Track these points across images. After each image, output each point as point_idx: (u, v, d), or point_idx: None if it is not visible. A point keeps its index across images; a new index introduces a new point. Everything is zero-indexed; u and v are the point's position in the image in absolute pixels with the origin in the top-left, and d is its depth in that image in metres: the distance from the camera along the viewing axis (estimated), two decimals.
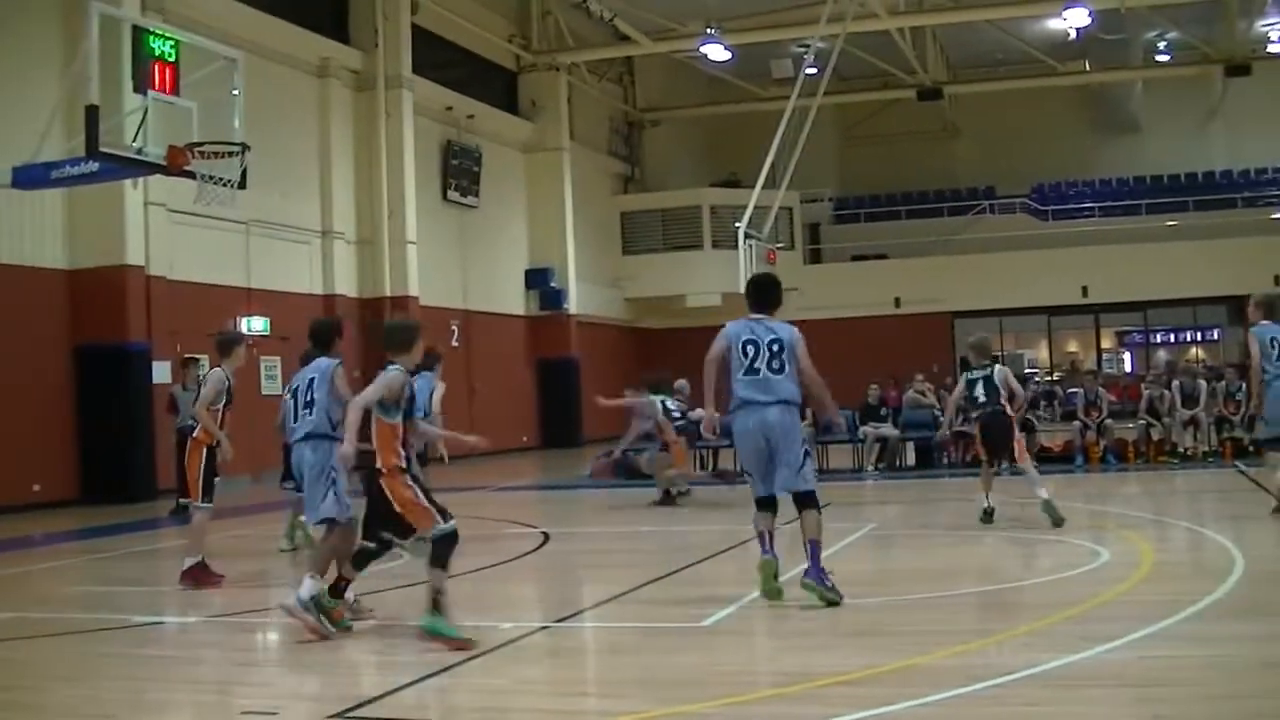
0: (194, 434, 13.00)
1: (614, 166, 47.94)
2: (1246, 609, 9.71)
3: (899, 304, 45.35)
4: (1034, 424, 24.20)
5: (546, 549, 15.58)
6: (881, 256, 47.87)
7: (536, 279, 40.83)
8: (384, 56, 32.69)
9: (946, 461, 24.87)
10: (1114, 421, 24.50)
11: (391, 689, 8.18)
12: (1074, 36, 43.06)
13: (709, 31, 37.78)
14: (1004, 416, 15.46)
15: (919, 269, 45.75)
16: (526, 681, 8.49)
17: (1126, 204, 47.37)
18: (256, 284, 28.71)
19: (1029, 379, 24.93)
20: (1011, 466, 15.72)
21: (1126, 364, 49.02)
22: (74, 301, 24.48)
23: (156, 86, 17.39)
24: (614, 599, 11.46)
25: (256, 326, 28.17)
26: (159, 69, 17.47)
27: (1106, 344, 48.96)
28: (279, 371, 28.33)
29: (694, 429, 19.51)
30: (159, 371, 24.72)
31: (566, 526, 17.75)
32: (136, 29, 17.79)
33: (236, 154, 18.57)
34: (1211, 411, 23.83)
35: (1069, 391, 25.79)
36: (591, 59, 43.11)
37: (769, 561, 10.50)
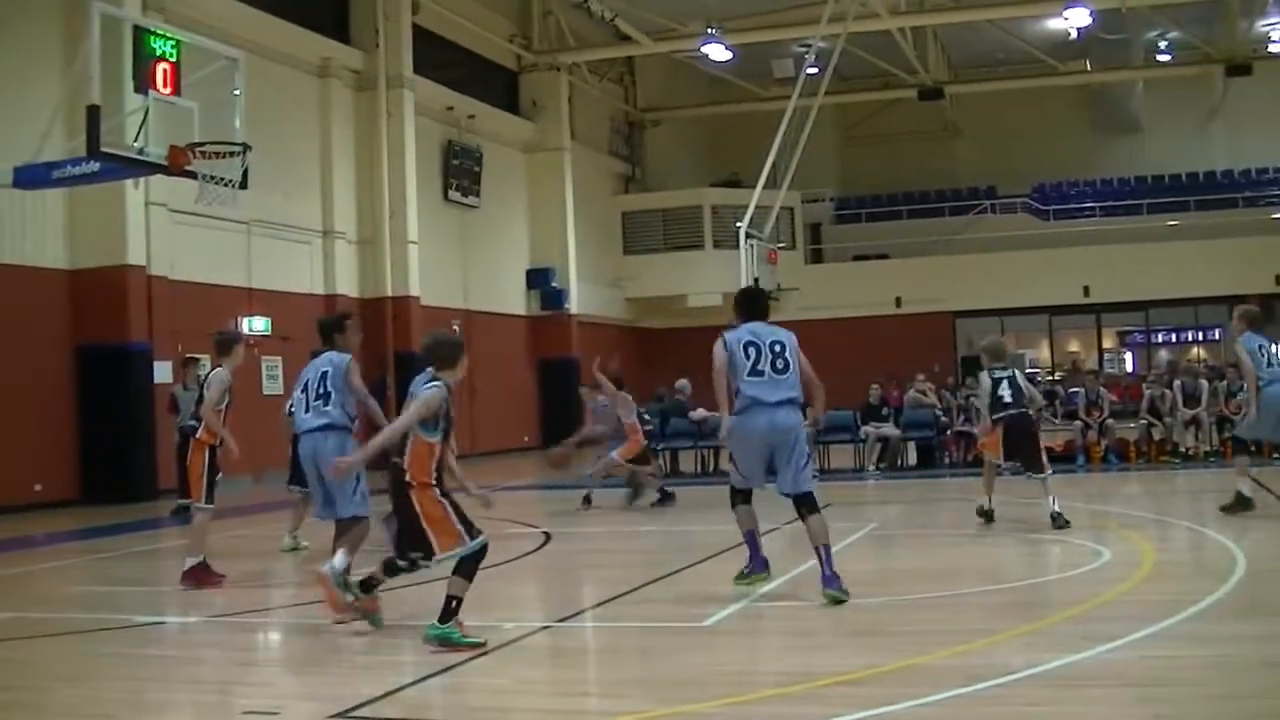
0: (196, 434, 12.99)
1: (615, 166, 47.93)
2: (1248, 609, 9.72)
3: (900, 304, 45.33)
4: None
5: (548, 549, 15.57)
6: (883, 256, 47.86)
7: (537, 279, 40.83)
8: (385, 56, 32.69)
9: (948, 461, 24.87)
10: (1115, 421, 24.50)
11: (393, 689, 8.18)
12: (1075, 36, 43.05)
13: (710, 31, 37.78)
14: (1030, 419, 15.40)
15: (920, 269, 45.75)
16: (528, 681, 8.49)
17: (1128, 204, 47.36)
18: (258, 284, 28.70)
19: (1033, 379, 24.78)
20: (1028, 471, 15.32)
21: (1128, 364, 49.01)
22: (75, 301, 24.47)
23: (158, 86, 17.40)
24: (615, 599, 11.45)
25: (258, 326, 28.18)
26: (160, 69, 17.48)
27: (1108, 344, 48.94)
28: (280, 371, 28.35)
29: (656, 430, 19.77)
30: (160, 371, 24.70)
31: (568, 526, 17.72)
32: (138, 29, 17.80)
33: (238, 154, 18.57)
34: (1213, 411, 23.82)
35: (1070, 391, 25.72)
36: (592, 59, 43.12)
37: (764, 577, 10.97)
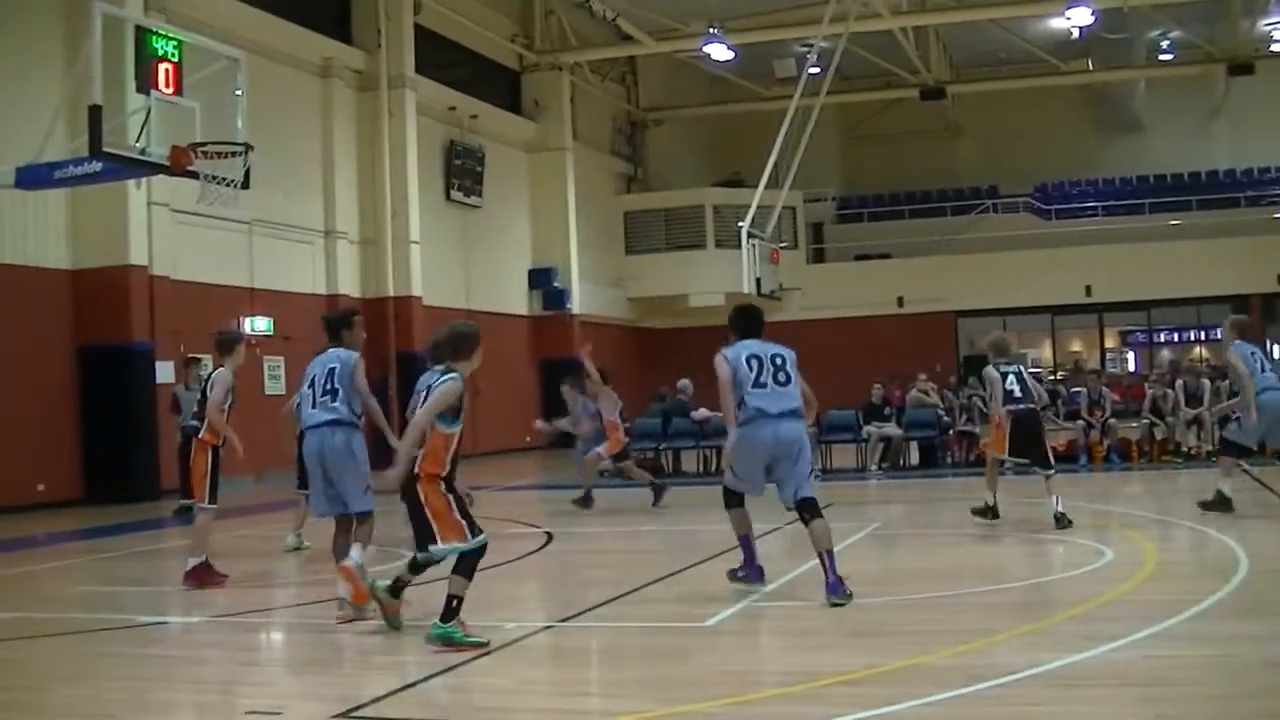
0: (199, 434, 12.99)
1: (617, 166, 47.94)
2: (1250, 608, 9.71)
3: (902, 303, 45.35)
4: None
5: (550, 549, 15.58)
6: (885, 256, 47.88)
7: (540, 279, 40.85)
8: (387, 56, 32.70)
9: (950, 461, 24.87)
10: (1118, 421, 24.49)
11: (396, 689, 8.18)
12: (1077, 36, 43.06)
13: (712, 31, 37.77)
14: (1037, 415, 15.32)
15: (922, 268, 45.76)
16: (530, 681, 8.50)
17: (1130, 203, 47.34)
18: (260, 284, 28.71)
19: (1037, 379, 24.72)
20: (1035, 466, 15.25)
21: (1130, 363, 49.00)
22: (77, 301, 24.48)
23: (159, 87, 17.39)
24: (617, 599, 11.45)
25: (260, 326, 28.19)
26: (162, 69, 17.46)
27: (1110, 343, 48.95)
28: (282, 372, 28.36)
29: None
30: (162, 371, 24.71)
31: (569, 526, 17.72)
32: (139, 29, 17.79)
33: (239, 154, 18.57)
34: (1215, 411, 23.79)
35: (1073, 391, 25.71)
36: (594, 59, 43.12)
37: (759, 587, 11.04)
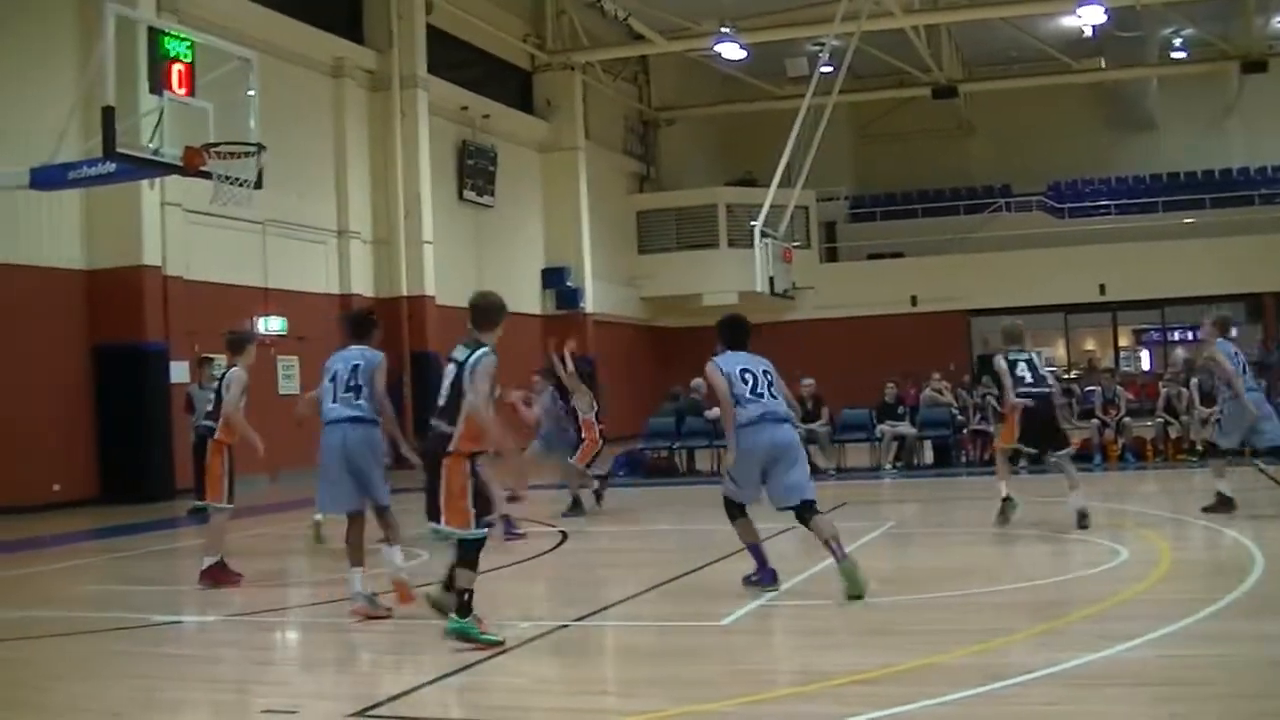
0: (213, 435, 13.00)
1: (629, 165, 47.95)
2: (1266, 608, 9.68)
3: (915, 302, 45.31)
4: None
5: (565, 548, 15.58)
6: (897, 255, 47.83)
7: (553, 278, 40.88)
8: (399, 56, 32.74)
9: (964, 460, 24.84)
10: (1132, 420, 24.47)
11: (411, 688, 8.20)
12: (1089, 34, 42.96)
13: (723, 30, 37.76)
14: (1051, 401, 14.98)
15: (935, 267, 45.70)
16: (545, 680, 8.51)
17: (1143, 202, 47.23)
18: (273, 284, 28.73)
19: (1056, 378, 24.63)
20: (1049, 449, 14.98)
21: (1144, 362, 48.87)
22: (91, 301, 24.54)
23: (172, 87, 17.41)
24: (632, 598, 11.48)
25: (274, 326, 28.23)
26: (175, 70, 17.48)
27: (1124, 342, 48.84)
28: (296, 371, 28.40)
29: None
30: (176, 371, 24.75)
31: (584, 525, 17.73)
32: (152, 30, 17.81)
33: (252, 154, 18.58)
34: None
35: (1087, 390, 25.68)
36: (606, 58, 43.11)
37: (774, 589, 11.02)
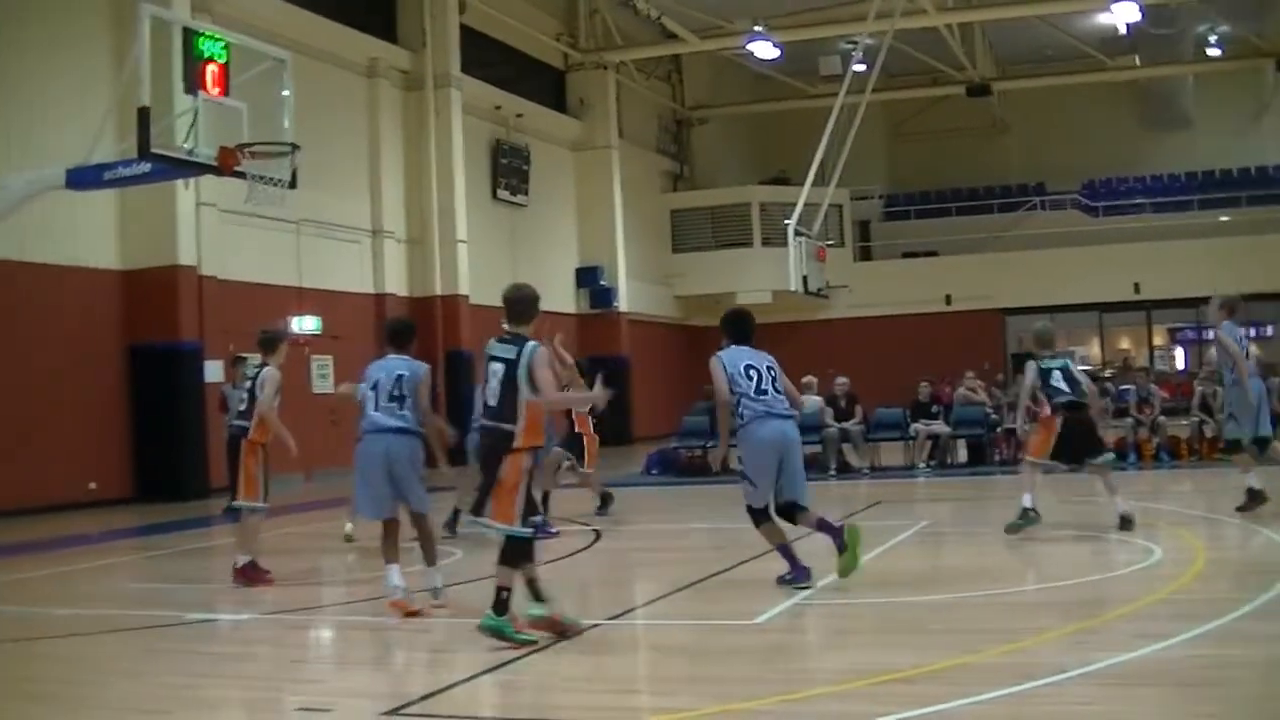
0: (247, 435, 13.03)
1: (663, 164, 47.93)
2: None
3: (950, 301, 45.21)
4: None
5: (598, 546, 15.60)
6: (932, 254, 47.76)
7: (587, 277, 40.93)
8: (432, 56, 32.82)
9: (998, 459, 24.75)
10: (1167, 419, 24.34)
11: (444, 686, 8.22)
12: (1123, 31, 42.75)
13: (756, 29, 37.77)
14: (1086, 410, 14.47)
15: (969, 266, 45.60)
16: (579, 678, 8.50)
17: (1178, 200, 47.02)
18: (308, 283, 28.82)
19: (1093, 378, 24.48)
20: (1090, 467, 14.60)
21: (1179, 360, 48.67)
22: (127, 301, 24.68)
23: (207, 88, 17.45)
24: (666, 596, 11.48)
25: (308, 326, 28.32)
26: (209, 70, 17.51)
27: (1159, 340, 48.64)
28: (330, 370, 28.50)
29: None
30: (211, 370, 24.86)
31: (618, 524, 17.73)
32: (187, 31, 17.85)
33: (287, 154, 18.61)
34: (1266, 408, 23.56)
35: (1121, 389, 25.58)
36: (639, 57, 43.12)
37: (808, 586, 11.04)
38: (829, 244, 39.38)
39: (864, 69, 36.75)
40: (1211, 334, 16.97)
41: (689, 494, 20.93)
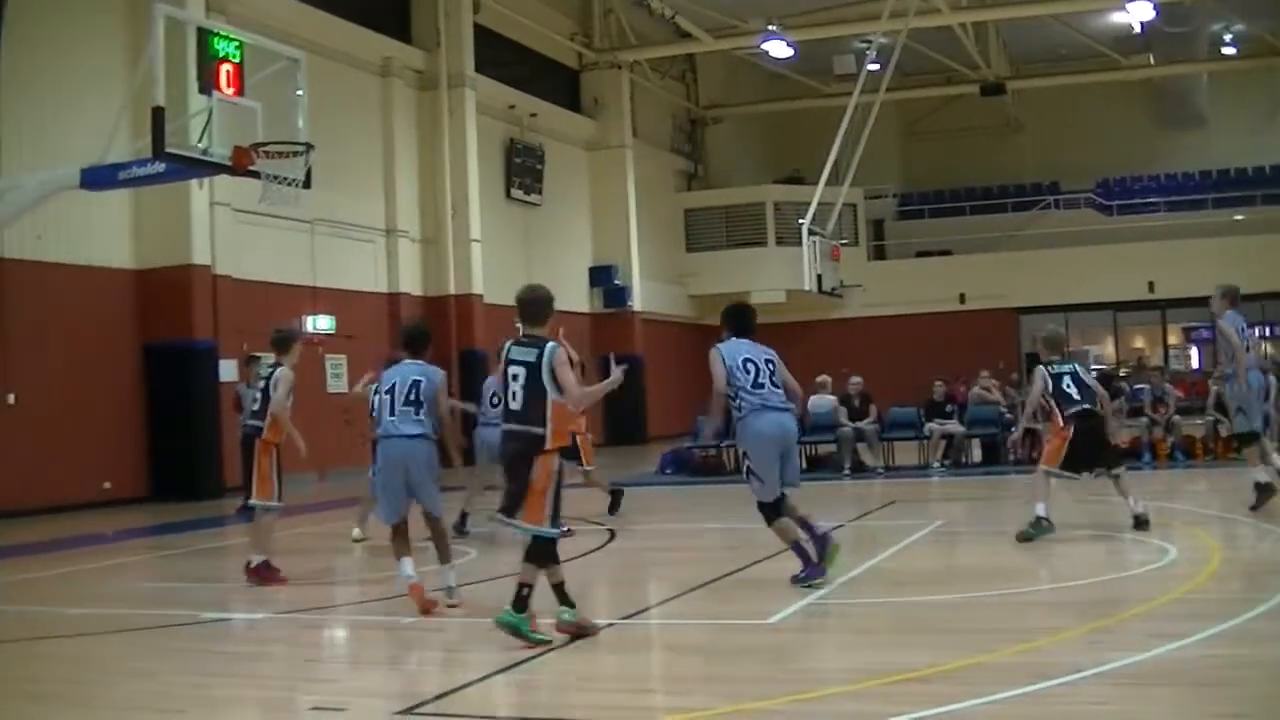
0: (261, 435, 13.03)
1: (677, 163, 47.95)
2: None
3: (964, 300, 45.21)
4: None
5: (612, 545, 15.58)
6: (946, 253, 47.75)
7: (600, 276, 40.96)
8: (446, 56, 32.88)
9: (1013, 459, 24.69)
10: (1182, 418, 24.26)
11: (458, 685, 8.21)
12: (1138, 30, 42.73)
13: (770, 28, 37.76)
14: (1099, 419, 14.14)
15: (984, 265, 45.60)
16: (593, 678, 8.50)
17: (1192, 198, 46.95)
18: (321, 283, 28.88)
19: (1107, 380, 24.43)
20: (1101, 469, 14.26)
21: (1194, 360, 48.58)
22: (141, 301, 24.74)
23: (221, 87, 17.45)
24: (680, 595, 11.47)
25: (322, 325, 28.36)
26: (224, 70, 17.51)
27: (1173, 339, 48.55)
28: (344, 370, 28.52)
29: None
30: (225, 370, 24.92)
31: (632, 523, 17.71)
32: (201, 31, 17.87)
33: (301, 154, 18.60)
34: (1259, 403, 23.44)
35: (1136, 388, 25.49)
36: (653, 56, 43.16)
37: (823, 582, 11.10)
38: (843, 243, 39.39)
39: (878, 68, 36.75)
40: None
41: (703, 494, 20.90)
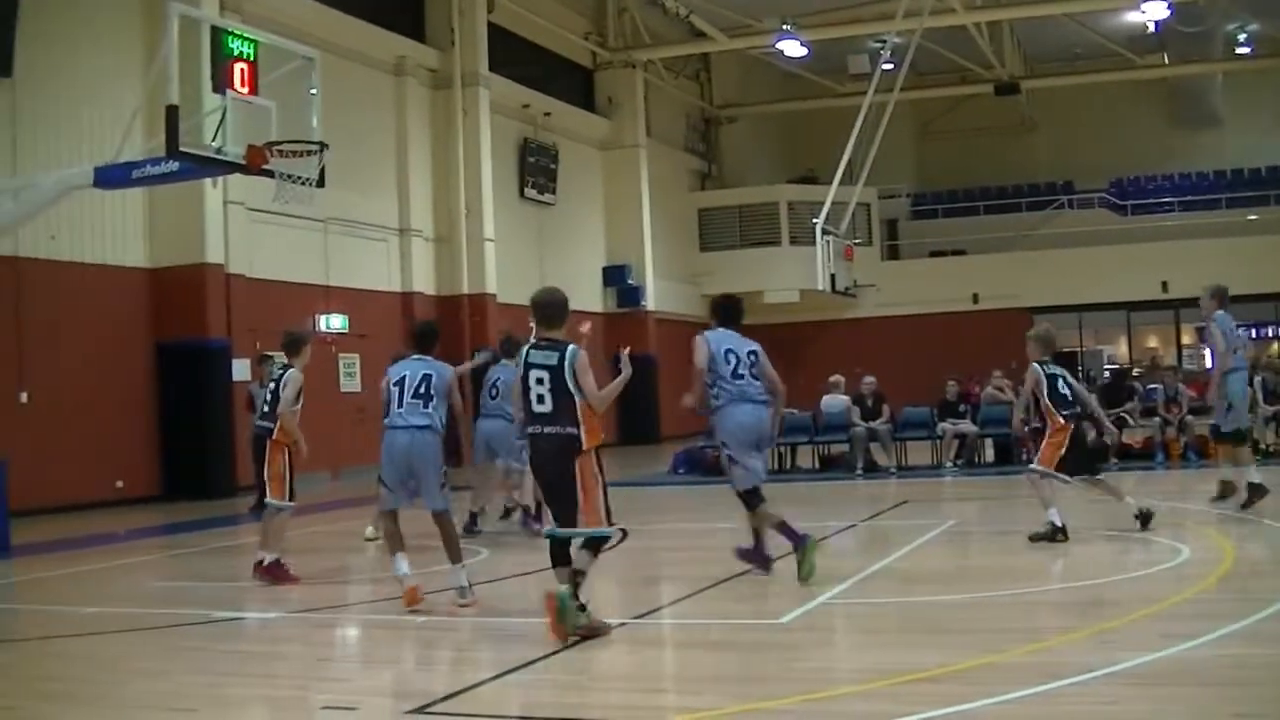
0: (272, 435, 13.05)
1: (691, 163, 47.95)
2: None
3: (977, 300, 45.14)
4: (1127, 420, 23.99)
5: (625, 545, 15.51)
6: (959, 252, 47.72)
7: (614, 276, 40.96)
8: (460, 55, 32.90)
9: (1025, 458, 24.64)
10: (1194, 418, 24.21)
11: (470, 684, 8.22)
12: (1153, 29, 42.67)
13: (785, 28, 37.75)
14: (1082, 423, 14.19)
15: (997, 265, 45.54)
16: (604, 677, 8.51)
17: (1207, 198, 46.88)
18: (335, 282, 28.91)
19: (1120, 375, 24.44)
20: (1085, 475, 14.23)
21: (1207, 360, 48.39)
22: (155, 299, 24.78)
23: (235, 86, 17.45)
24: (691, 595, 11.48)
25: (335, 324, 28.39)
26: (238, 69, 17.51)
27: (1187, 339, 48.39)
28: (358, 369, 28.55)
29: None
30: (238, 369, 24.95)
31: (645, 523, 17.69)
32: (215, 30, 17.88)
33: (315, 153, 18.60)
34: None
35: (1149, 387, 25.45)
36: (667, 56, 43.17)
37: (814, 544, 11.46)
38: (856, 243, 39.41)
39: (892, 67, 36.77)
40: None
41: (715, 493, 20.74)
